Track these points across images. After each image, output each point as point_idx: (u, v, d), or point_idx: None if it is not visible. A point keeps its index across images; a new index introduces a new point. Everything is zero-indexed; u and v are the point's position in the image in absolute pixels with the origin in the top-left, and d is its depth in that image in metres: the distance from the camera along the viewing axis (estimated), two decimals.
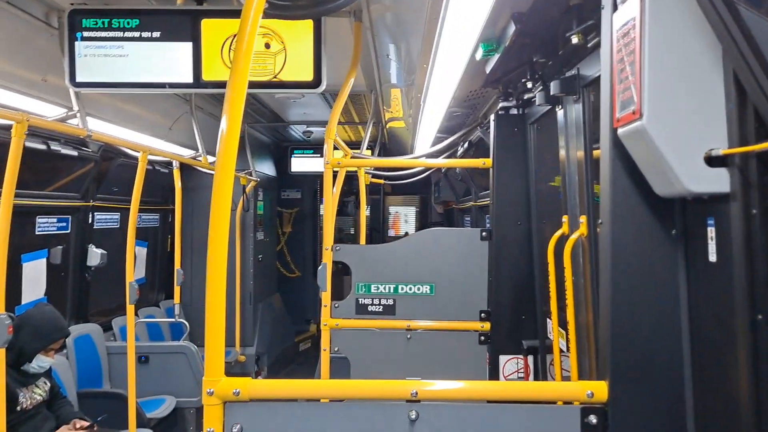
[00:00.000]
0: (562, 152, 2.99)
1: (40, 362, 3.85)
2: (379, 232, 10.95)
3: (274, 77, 3.22)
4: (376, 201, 11.04)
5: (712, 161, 1.43)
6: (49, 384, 4.03)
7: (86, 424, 3.93)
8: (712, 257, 1.50)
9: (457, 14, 2.52)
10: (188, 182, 6.72)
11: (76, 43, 3.21)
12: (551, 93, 2.66)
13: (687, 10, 1.44)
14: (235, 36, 3.17)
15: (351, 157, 4.14)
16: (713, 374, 1.56)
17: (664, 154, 1.46)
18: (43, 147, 4.37)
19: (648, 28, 1.46)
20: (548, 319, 3.38)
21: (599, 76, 2.07)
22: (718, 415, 1.55)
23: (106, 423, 4.51)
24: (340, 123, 7.66)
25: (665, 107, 1.46)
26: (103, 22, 3.19)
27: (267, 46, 3.20)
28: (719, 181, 1.43)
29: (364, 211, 5.65)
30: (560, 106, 2.91)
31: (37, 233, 4.84)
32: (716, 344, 1.53)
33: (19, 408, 3.70)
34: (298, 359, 9.35)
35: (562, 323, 3.00)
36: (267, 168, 8.61)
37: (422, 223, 11.06)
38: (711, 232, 1.50)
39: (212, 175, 1.62)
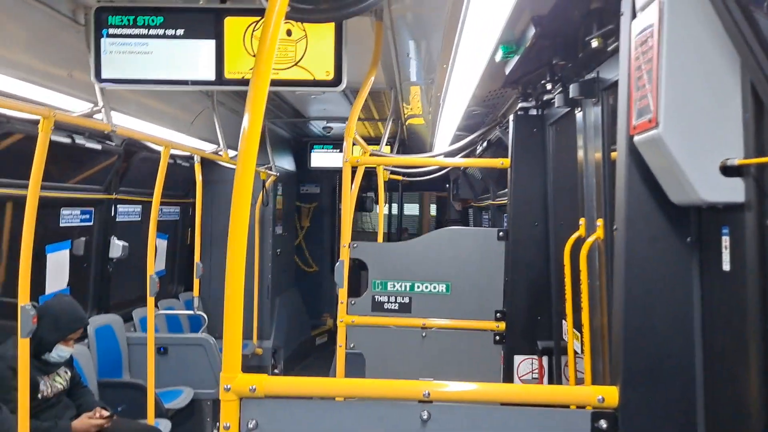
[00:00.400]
0: (581, 154, 2.98)
1: (59, 351, 3.94)
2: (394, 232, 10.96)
3: (295, 64, 3.25)
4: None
5: (727, 171, 1.43)
6: (70, 373, 4.12)
7: (106, 413, 4.01)
8: (726, 266, 1.50)
9: (477, 16, 2.53)
10: (209, 176, 6.79)
11: (102, 39, 3.27)
12: (570, 95, 2.66)
13: (705, 19, 1.44)
14: (257, 22, 3.22)
15: (370, 155, 4.16)
16: (725, 383, 1.56)
17: (679, 163, 1.46)
18: (68, 141, 4.46)
19: (666, 36, 1.46)
20: (563, 321, 3.39)
21: (618, 80, 2.07)
22: (729, 424, 1.56)
23: (125, 413, 4.60)
24: (359, 119, 7.69)
25: (681, 116, 1.46)
26: (128, 20, 3.25)
27: (288, 33, 3.23)
28: (734, 191, 1.43)
29: (383, 208, 5.68)
30: (579, 109, 2.91)
31: (61, 225, 4.94)
32: (728, 353, 1.54)
33: (40, 396, 3.79)
34: (314, 353, 9.42)
35: (577, 325, 3.00)
36: (287, 163, 8.67)
37: (440, 220, 11.07)
38: (725, 241, 1.50)
39: (233, 169, 1.65)
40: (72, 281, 5.00)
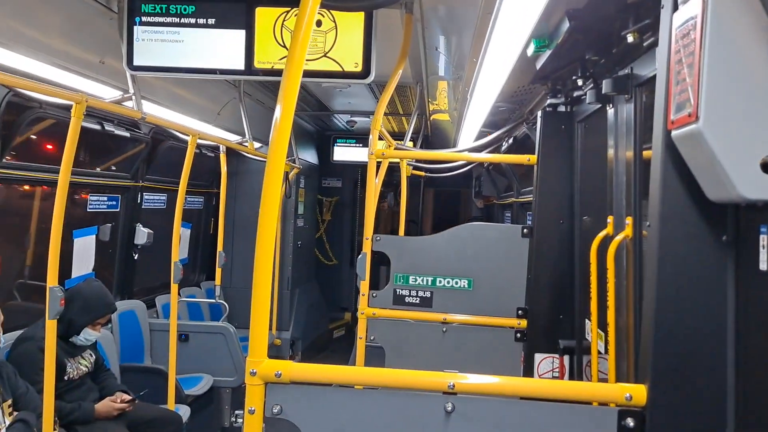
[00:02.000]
0: (611, 152, 2.95)
1: (87, 335, 4.00)
2: (416, 224, 10.95)
3: (324, 55, 3.26)
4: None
5: None
6: (94, 356, 4.19)
7: (128, 397, 4.07)
8: (763, 266, 1.47)
9: (510, 9, 2.51)
10: (233, 167, 6.84)
11: (135, 27, 3.31)
12: (603, 91, 2.62)
13: (750, 10, 1.41)
14: (287, 12, 3.22)
15: (395, 149, 4.15)
16: (758, 384, 1.53)
17: (719, 159, 1.43)
18: (97, 127, 4.52)
19: (709, 29, 1.43)
20: (587, 320, 3.35)
21: (653, 77, 2.03)
22: (760, 426, 1.53)
23: (146, 397, 4.66)
24: (384, 114, 7.68)
25: (722, 111, 1.43)
26: (161, 8, 3.28)
27: (318, 23, 3.24)
28: None
29: (405, 203, 5.67)
30: (611, 105, 2.87)
31: (88, 210, 5.01)
32: (762, 354, 1.51)
33: (66, 377, 3.85)
34: (331, 346, 9.46)
35: (602, 325, 2.97)
36: (309, 156, 8.70)
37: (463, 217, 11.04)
38: (763, 240, 1.47)
39: (257, 160, 1.67)
40: (97, 266, 5.07)
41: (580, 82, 3.06)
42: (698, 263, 1.62)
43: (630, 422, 1.61)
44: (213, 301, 6.13)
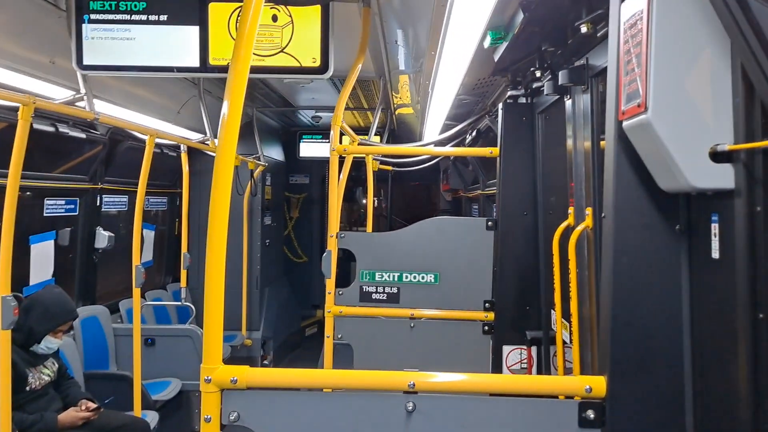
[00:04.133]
0: (570, 142, 2.96)
1: (48, 343, 3.89)
2: (386, 218, 10.93)
3: (281, 51, 3.20)
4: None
5: (717, 157, 1.40)
6: (56, 365, 4.08)
7: (93, 405, 3.97)
8: (715, 254, 1.48)
9: (464, 1, 2.49)
10: (196, 166, 6.71)
11: (84, 25, 3.21)
12: (559, 82, 2.63)
13: (695, 2, 1.41)
14: (241, 8, 3.16)
15: (358, 144, 4.12)
16: (713, 371, 1.54)
17: (668, 149, 1.43)
18: (51, 129, 4.38)
19: (655, 20, 1.43)
20: (552, 311, 3.37)
21: (607, 66, 2.03)
22: (717, 412, 1.54)
23: (112, 405, 4.56)
24: (348, 109, 7.63)
25: (671, 101, 1.43)
26: (110, 5, 3.19)
27: (274, 18, 3.18)
28: (724, 177, 1.41)
29: (371, 198, 5.64)
30: (568, 96, 2.88)
31: (45, 215, 4.86)
32: (717, 341, 1.52)
33: (28, 388, 3.74)
34: (304, 344, 9.39)
35: (566, 315, 2.98)
36: (275, 153, 8.60)
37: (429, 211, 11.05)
38: (715, 228, 1.48)
39: None
40: (57, 272, 4.94)
41: (538, 74, 3.06)
42: (653, 253, 1.63)
43: (590, 414, 1.61)
44: (179, 303, 6.03)
